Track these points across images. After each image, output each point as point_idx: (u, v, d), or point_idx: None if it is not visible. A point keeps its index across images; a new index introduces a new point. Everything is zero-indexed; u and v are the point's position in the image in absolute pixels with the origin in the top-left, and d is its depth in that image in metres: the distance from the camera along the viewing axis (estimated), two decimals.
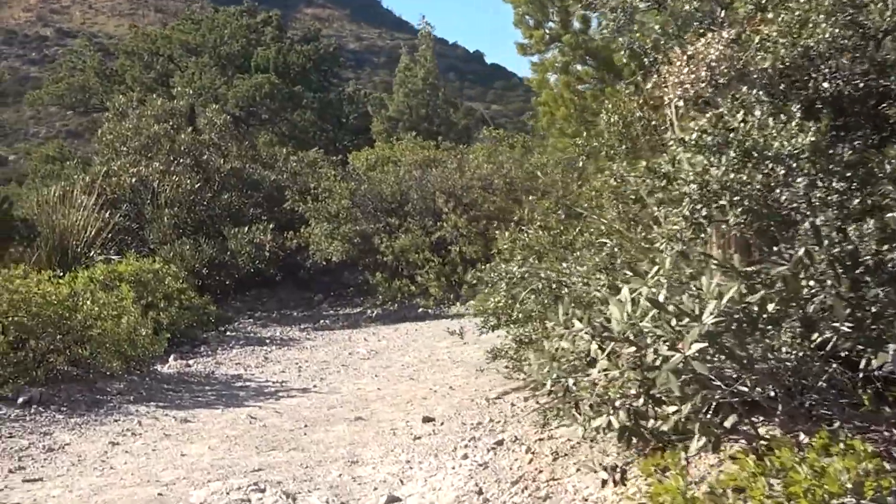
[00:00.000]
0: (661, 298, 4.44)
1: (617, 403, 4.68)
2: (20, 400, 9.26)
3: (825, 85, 5.60)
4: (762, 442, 4.48)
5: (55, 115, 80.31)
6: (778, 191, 4.90)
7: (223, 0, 55.32)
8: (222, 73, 38.79)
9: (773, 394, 4.63)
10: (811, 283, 4.64)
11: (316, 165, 24.26)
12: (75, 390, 9.96)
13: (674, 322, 4.29)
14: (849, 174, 4.96)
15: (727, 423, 4.44)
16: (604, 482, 5.43)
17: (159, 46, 39.12)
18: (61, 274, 11.83)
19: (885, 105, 5.61)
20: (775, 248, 4.83)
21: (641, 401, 4.62)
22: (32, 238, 16.02)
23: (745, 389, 4.55)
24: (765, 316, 4.45)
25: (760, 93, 5.43)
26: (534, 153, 22.91)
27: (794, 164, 4.74)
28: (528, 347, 7.29)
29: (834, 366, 4.63)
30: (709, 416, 4.51)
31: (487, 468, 6.59)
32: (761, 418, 4.93)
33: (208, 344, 13.83)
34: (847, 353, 4.64)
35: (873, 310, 4.58)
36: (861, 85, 5.60)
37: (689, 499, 3.97)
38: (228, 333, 15.04)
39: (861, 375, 4.64)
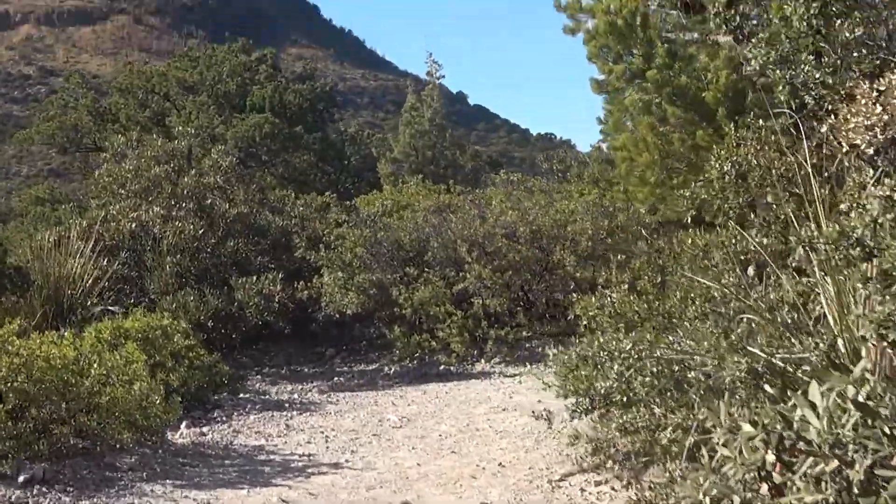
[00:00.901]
0: (862, 398, 3.61)
1: None
2: (21, 478, 8.40)
3: None
4: None
5: (37, 154, 79.92)
6: None
7: (212, 39, 55.10)
8: (220, 112, 38.11)
9: None
10: None
11: (326, 210, 23.50)
12: (82, 466, 9.09)
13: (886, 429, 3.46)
14: None
15: None
16: None
17: (155, 84, 38.49)
18: (61, 331, 11.06)
19: None
20: None
21: None
22: (26, 287, 15.23)
23: None
24: None
25: None
26: (553, 199, 22.21)
27: None
28: (635, 436, 6.41)
29: None
30: None
31: None
32: None
33: (222, 408, 12.93)
34: None
35: None
36: None
37: None
38: (242, 396, 14.13)
39: None
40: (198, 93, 38.48)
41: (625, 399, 6.65)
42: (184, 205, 19.35)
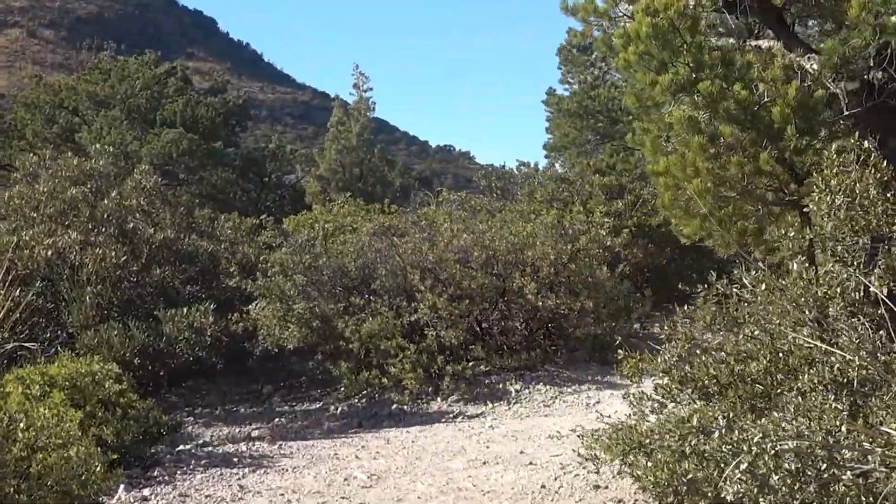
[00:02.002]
0: None
1: None
2: None
3: None
4: None
5: None
6: None
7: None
8: (132, 127, 36.78)
9: None
10: None
11: (256, 233, 22.32)
12: None
13: None
14: None
15: None
16: None
17: (64, 98, 37.02)
18: None
19: None
20: None
21: None
22: None
23: None
24: None
25: None
26: (504, 219, 21.27)
27: None
28: None
29: None
30: None
31: None
32: None
33: (162, 464, 11.58)
34: None
35: None
36: None
37: None
38: (181, 447, 12.84)
39: None
40: (109, 107, 37.12)
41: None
42: (104, 229, 17.99)
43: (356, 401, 16.40)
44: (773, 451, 4.80)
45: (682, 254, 23.21)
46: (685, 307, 9.19)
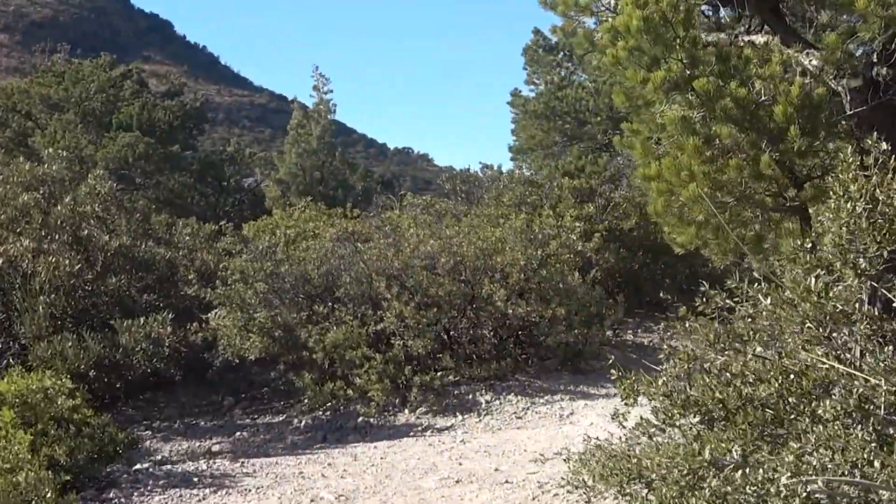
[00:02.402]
0: None
1: None
2: None
3: None
4: None
5: None
6: None
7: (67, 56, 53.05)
8: (86, 131, 36.19)
9: None
10: None
11: (215, 239, 21.83)
12: None
13: None
14: None
15: None
16: None
17: (16, 101, 36.37)
18: None
19: None
20: None
21: None
22: None
23: None
24: None
25: None
26: (472, 223, 20.87)
27: None
28: None
29: None
30: None
31: None
32: None
33: (118, 486, 11.07)
34: None
35: None
36: None
37: None
38: (138, 466, 12.33)
39: None
40: (63, 111, 36.51)
41: None
42: (57, 237, 17.45)
43: (321, 413, 15.94)
44: (804, 494, 4.38)
45: (654, 258, 22.90)
46: (666, 316, 8.82)
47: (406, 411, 15.53)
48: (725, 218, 9.17)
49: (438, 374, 16.08)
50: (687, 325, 6.44)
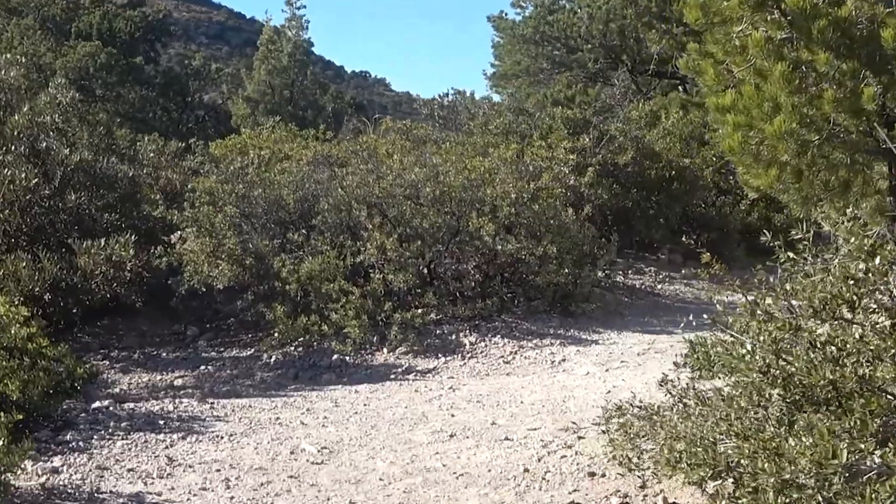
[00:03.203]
0: None
1: None
2: None
3: None
4: None
5: None
6: None
7: None
8: (46, 38, 35.18)
9: None
10: None
11: (181, 157, 20.95)
12: None
13: None
14: None
15: None
16: None
17: None
18: None
19: None
20: None
21: None
22: None
23: None
24: None
25: None
26: (460, 151, 20.13)
27: None
28: None
29: None
30: None
31: None
32: None
33: (76, 427, 10.24)
34: None
35: None
36: None
37: None
38: (98, 404, 11.51)
39: None
40: (22, 15, 35.41)
41: None
42: (13, 148, 16.52)
43: (292, 349, 15.17)
44: None
45: (647, 196, 22.20)
46: (657, 257, 8.04)
47: (385, 350, 14.81)
48: (807, 160, 8.29)
49: (420, 311, 15.38)
50: (765, 281, 5.57)
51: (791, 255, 5.77)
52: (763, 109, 8.07)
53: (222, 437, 9.95)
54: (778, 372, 4.81)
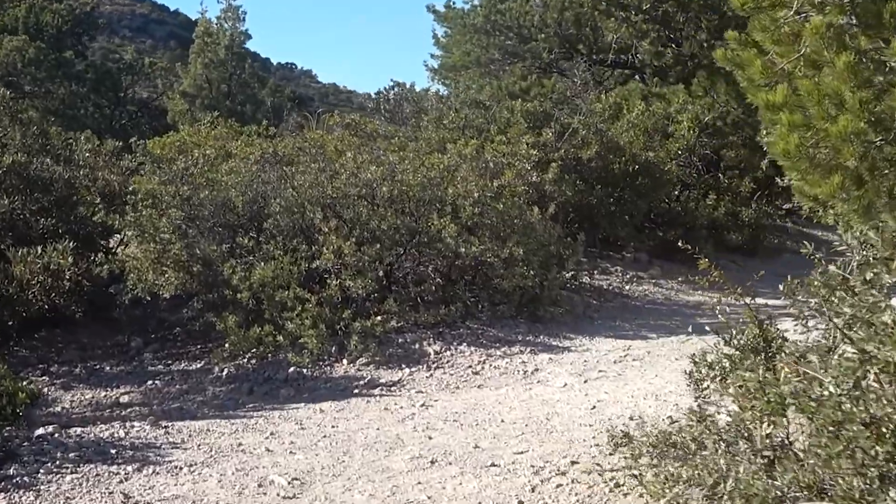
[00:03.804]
0: None
1: None
2: None
3: None
4: None
5: None
6: None
7: None
8: None
9: None
10: None
11: (118, 157, 20.16)
12: None
13: None
14: None
15: None
16: None
17: None
18: None
19: None
20: None
21: None
22: None
23: None
24: None
25: None
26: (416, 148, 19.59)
27: None
28: None
29: None
30: None
31: None
32: None
33: (19, 460, 9.47)
34: None
35: None
36: None
37: None
38: (41, 431, 10.72)
39: None
40: None
41: None
42: None
43: (245, 361, 14.48)
44: None
45: (611, 192, 21.70)
46: (622, 256, 7.45)
47: (344, 362, 14.18)
48: (868, 164, 7.59)
49: (379, 318, 14.78)
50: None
51: (834, 268, 5.24)
52: (823, 107, 7.40)
53: (181, 468, 9.24)
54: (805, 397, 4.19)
